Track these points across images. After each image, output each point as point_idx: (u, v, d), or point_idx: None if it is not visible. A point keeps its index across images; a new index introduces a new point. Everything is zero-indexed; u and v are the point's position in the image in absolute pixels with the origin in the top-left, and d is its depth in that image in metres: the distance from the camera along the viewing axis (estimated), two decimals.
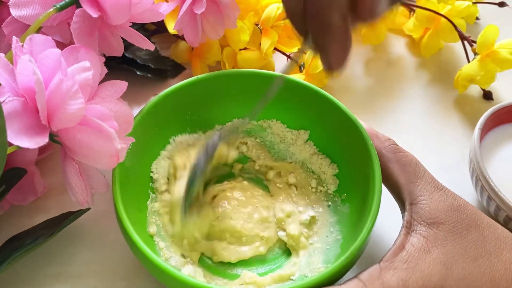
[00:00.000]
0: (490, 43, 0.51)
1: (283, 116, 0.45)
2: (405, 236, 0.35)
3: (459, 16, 0.57)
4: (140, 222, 0.39)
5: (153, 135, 0.42)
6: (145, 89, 0.53)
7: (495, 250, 0.34)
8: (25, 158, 0.40)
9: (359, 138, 0.40)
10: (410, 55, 0.60)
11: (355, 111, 0.42)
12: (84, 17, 0.36)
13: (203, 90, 0.44)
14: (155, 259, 0.33)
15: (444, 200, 0.36)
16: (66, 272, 0.40)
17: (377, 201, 0.36)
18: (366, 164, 0.39)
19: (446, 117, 0.54)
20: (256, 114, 0.40)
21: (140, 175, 0.41)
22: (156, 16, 0.40)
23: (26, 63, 0.30)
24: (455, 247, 0.34)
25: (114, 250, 0.41)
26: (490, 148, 0.45)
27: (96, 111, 0.32)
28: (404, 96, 0.56)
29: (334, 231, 0.41)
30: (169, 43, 0.57)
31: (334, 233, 0.41)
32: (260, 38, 0.53)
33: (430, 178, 0.37)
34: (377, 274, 0.33)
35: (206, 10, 0.43)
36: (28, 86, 0.30)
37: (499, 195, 0.40)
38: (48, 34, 0.38)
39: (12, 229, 0.41)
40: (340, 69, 0.33)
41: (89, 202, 0.36)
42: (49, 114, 0.31)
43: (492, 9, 0.62)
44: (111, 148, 0.32)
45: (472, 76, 0.52)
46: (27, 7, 0.37)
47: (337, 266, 0.34)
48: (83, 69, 0.32)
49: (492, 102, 0.55)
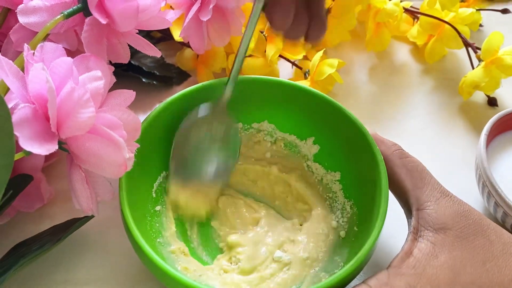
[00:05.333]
0: (494, 50, 0.52)
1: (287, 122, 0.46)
2: (412, 242, 0.35)
3: (463, 23, 0.57)
4: (147, 229, 0.39)
5: (159, 142, 0.42)
6: (151, 96, 0.54)
7: (503, 255, 0.34)
8: (32, 165, 0.40)
9: (365, 144, 0.40)
10: (414, 62, 0.61)
11: (359, 118, 0.42)
12: (94, 25, 0.37)
13: (208, 96, 0.44)
14: (163, 265, 0.33)
15: (451, 206, 0.36)
16: (73, 278, 0.40)
17: (384, 207, 0.36)
18: (372, 169, 0.39)
19: (451, 123, 0.54)
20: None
21: (147, 182, 0.41)
22: (163, 23, 0.41)
23: (39, 71, 0.30)
24: (462, 252, 0.34)
25: (120, 256, 0.41)
26: (496, 154, 0.45)
27: (105, 120, 0.32)
28: (409, 103, 0.56)
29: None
30: (174, 51, 0.58)
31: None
32: (265, 45, 0.54)
33: (437, 184, 0.38)
34: (385, 279, 0.33)
35: (212, 18, 0.44)
36: (39, 93, 0.31)
37: (506, 201, 0.40)
38: (55, 41, 0.38)
39: (18, 235, 0.41)
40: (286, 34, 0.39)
41: (93, 210, 0.36)
42: (59, 121, 0.31)
43: (496, 16, 0.62)
44: (119, 157, 0.32)
45: (476, 83, 0.52)
46: (35, 14, 0.37)
47: (344, 272, 0.34)
48: (94, 78, 0.32)
49: (497, 108, 0.55)
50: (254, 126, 0.46)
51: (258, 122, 0.46)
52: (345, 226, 0.42)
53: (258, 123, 0.46)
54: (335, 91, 0.56)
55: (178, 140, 0.42)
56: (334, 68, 0.51)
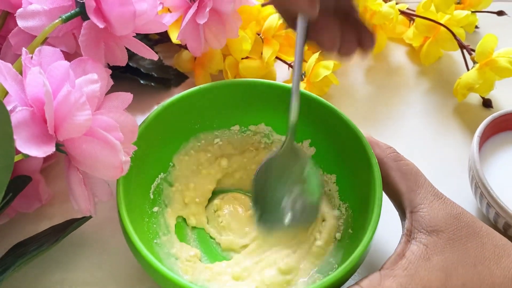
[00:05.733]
0: (489, 52, 0.52)
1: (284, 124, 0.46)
2: (405, 244, 0.35)
3: (458, 25, 0.57)
4: (144, 230, 0.39)
5: (156, 144, 0.43)
6: (149, 98, 0.54)
7: (494, 257, 0.34)
8: (31, 166, 0.41)
9: (359, 146, 0.40)
10: (410, 64, 0.61)
11: (355, 119, 0.42)
12: (91, 28, 0.37)
13: (206, 99, 0.45)
14: (159, 267, 0.34)
15: (444, 209, 0.36)
16: (70, 278, 0.41)
17: (377, 209, 0.37)
18: (366, 172, 0.39)
19: (446, 124, 0.54)
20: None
21: (144, 183, 0.42)
22: (160, 27, 0.41)
23: (36, 74, 0.30)
24: (454, 254, 0.34)
25: (118, 257, 0.42)
26: (489, 155, 0.46)
27: (102, 122, 0.33)
28: (404, 104, 0.56)
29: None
30: (172, 53, 0.58)
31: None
32: (261, 48, 0.54)
33: (430, 186, 0.38)
34: (377, 281, 0.33)
35: (208, 20, 0.44)
36: (37, 96, 0.31)
37: (498, 202, 0.41)
38: (54, 44, 0.39)
39: (16, 236, 0.41)
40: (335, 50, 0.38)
41: (91, 211, 0.37)
42: (56, 124, 0.31)
43: (491, 18, 0.63)
44: (115, 160, 0.33)
45: (471, 85, 0.53)
46: (34, 18, 0.37)
47: (338, 273, 0.34)
48: (90, 81, 0.32)
49: (492, 110, 0.55)
50: (251, 129, 0.47)
51: (255, 125, 0.47)
52: (340, 228, 0.42)
53: (255, 125, 0.47)
54: (331, 92, 0.56)
55: (258, 184, 0.41)
56: (330, 70, 0.51)
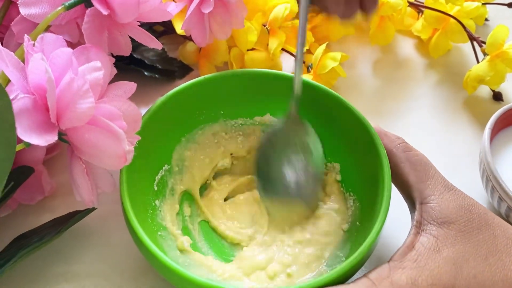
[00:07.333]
0: (499, 44, 0.51)
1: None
2: (415, 236, 0.35)
3: (468, 17, 0.57)
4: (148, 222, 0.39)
5: (160, 135, 0.42)
6: (153, 90, 0.53)
7: (506, 249, 0.33)
8: (33, 157, 0.40)
9: (368, 137, 0.40)
10: (419, 56, 0.60)
11: (363, 112, 0.42)
12: (95, 16, 0.36)
13: (210, 89, 0.44)
14: (163, 258, 0.33)
15: (455, 200, 0.36)
16: (73, 271, 0.40)
17: (386, 200, 0.36)
18: (375, 163, 0.39)
19: (456, 118, 0.54)
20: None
21: (148, 175, 0.41)
22: (164, 15, 0.40)
23: (38, 61, 0.30)
24: (465, 246, 0.33)
25: (121, 249, 0.41)
26: (500, 148, 0.45)
27: (105, 110, 0.32)
28: (413, 97, 0.56)
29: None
30: (176, 44, 0.57)
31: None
32: (267, 39, 0.53)
33: (441, 178, 0.37)
34: (386, 273, 0.32)
35: (213, 10, 0.43)
36: (39, 84, 0.31)
37: (510, 195, 0.40)
38: (56, 33, 0.38)
39: (19, 227, 0.41)
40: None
41: (94, 202, 0.36)
42: (58, 112, 0.31)
43: (502, 10, 0.62)
44: (119, 149, 0.32)
45: (481, 77, 0.52)
46: (36, 6, 0.37)
47: (346, 265, 0.33)
48: (94, 68, 0.32)
49: (502, 103, 0.55)
50: (256, 119, 0.46)
51: (261, 116, 0.46)
52: (348, 220, 0.41)
53: (260, 116, 0.46)
54: (338, 85, 0.55)
55: (260, 159, 0.42)
56: (337, 62, 0.50)
